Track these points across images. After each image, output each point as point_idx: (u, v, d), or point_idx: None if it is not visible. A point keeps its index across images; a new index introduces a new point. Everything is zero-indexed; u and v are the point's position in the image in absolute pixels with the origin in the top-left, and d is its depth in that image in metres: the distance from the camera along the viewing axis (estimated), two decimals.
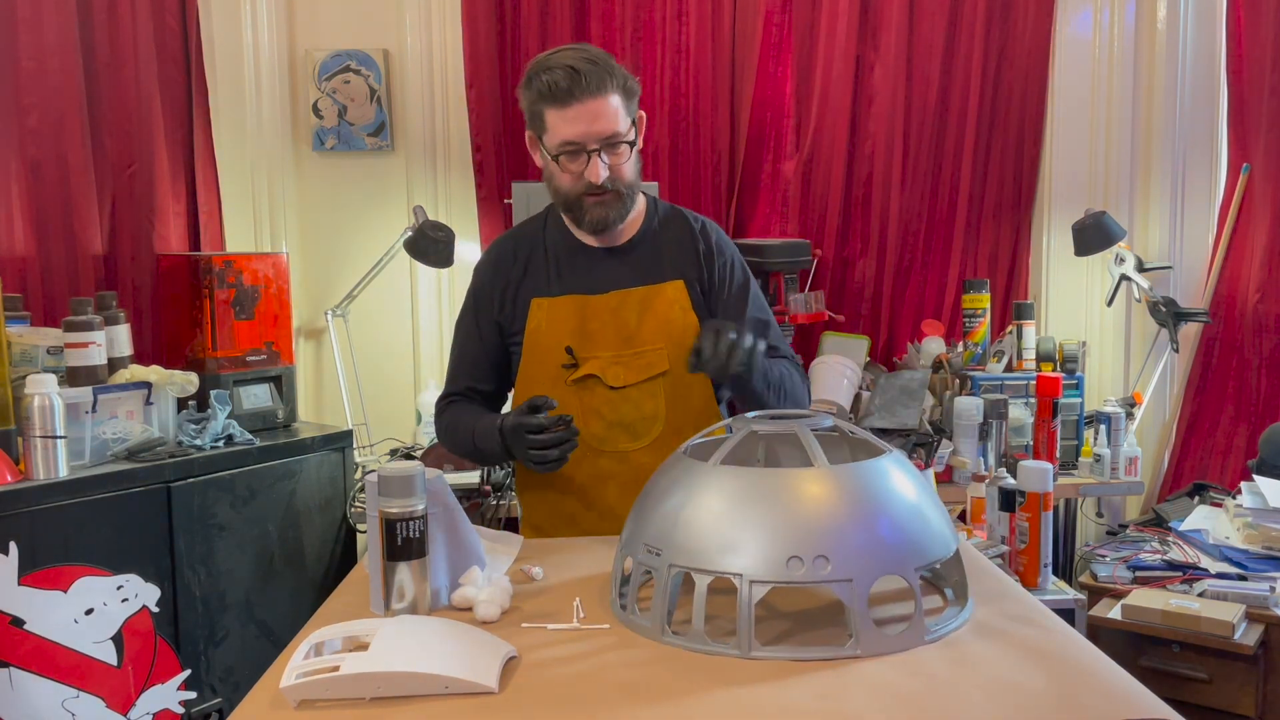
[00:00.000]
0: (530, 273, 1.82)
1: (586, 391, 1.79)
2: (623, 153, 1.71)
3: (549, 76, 1.65)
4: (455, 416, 1.88)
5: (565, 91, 1.65)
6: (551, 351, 1.79)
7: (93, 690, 2.15)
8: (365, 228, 3.41)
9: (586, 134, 1.67)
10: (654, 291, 1.81)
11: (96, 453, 2.29)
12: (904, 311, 3.50)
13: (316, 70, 3.32)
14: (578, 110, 1.66)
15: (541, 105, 1.69)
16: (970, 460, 2.84)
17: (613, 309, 1.79)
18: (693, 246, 1.85)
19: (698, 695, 1.13)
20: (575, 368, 1.78)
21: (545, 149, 1.72)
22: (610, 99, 1.67)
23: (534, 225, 1.88)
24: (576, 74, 1.64)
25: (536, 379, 1.81)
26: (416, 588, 1.35)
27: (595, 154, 1.68)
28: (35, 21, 2.72)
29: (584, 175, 1.70)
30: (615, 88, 1.68)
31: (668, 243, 1.84)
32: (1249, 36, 3.26)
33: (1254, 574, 2.49)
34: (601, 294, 1.79)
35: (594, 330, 1.79)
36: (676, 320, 1.80)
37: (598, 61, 1.67)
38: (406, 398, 3.41)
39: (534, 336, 1.80)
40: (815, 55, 3.38)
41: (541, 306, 1.79)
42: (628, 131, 1.71)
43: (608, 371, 1.78)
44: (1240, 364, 3.31)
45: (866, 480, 1.28)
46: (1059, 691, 1.12)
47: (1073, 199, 3.42)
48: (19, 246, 2.71)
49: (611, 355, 1.79)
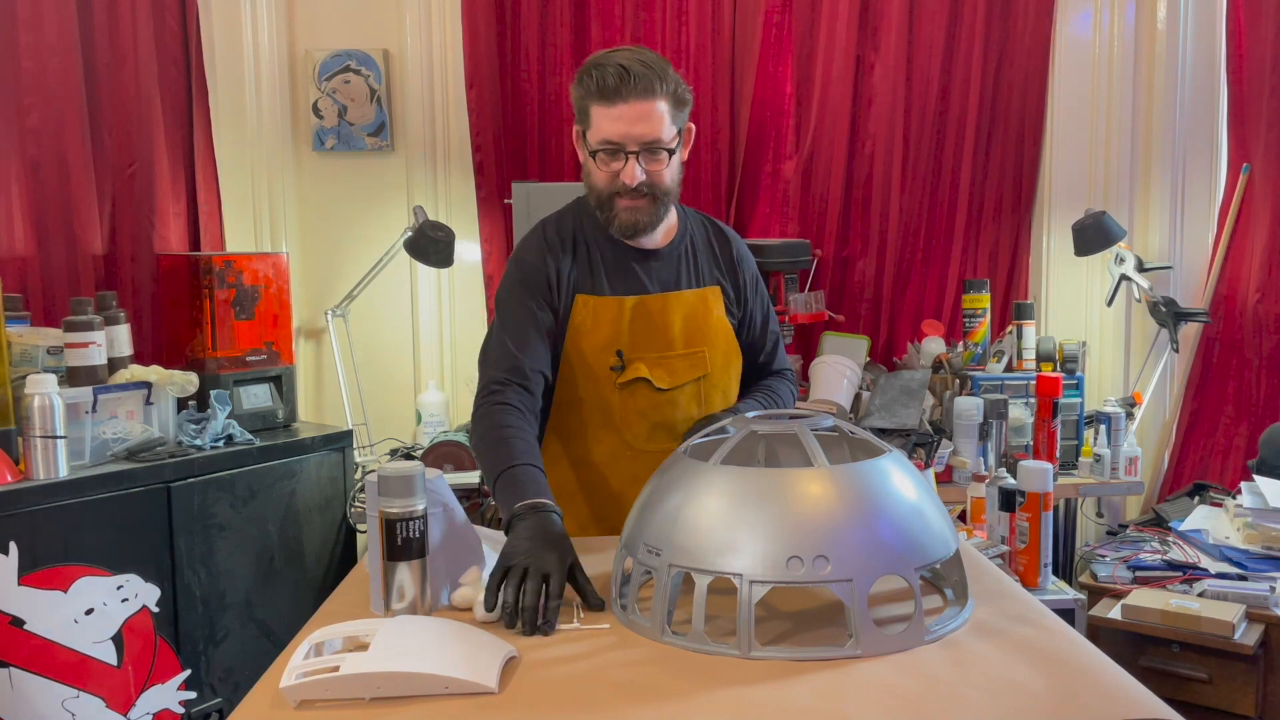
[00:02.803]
0: (576, 265, 1.78)
1: (630, 394, 1.78)
2: (662, 159, 1.68)
3: (599, 73, 1.64)
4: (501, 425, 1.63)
5: (612, 90, 1.63)
6: (595, 351, 1.77)
7: (93, 690, 2.15)
8: (365, 228, 3.41)
9: (627, 135, 1.65)
10: (697, 295, 1.82)
11: (96, 453, 2.29)
12: (904, 311, 3.50)
13: (316, 70, 3.32)
14: (622, 110, 1.64)
15: (589, 101, 1.67)
16: (970, 460, 2.84)
17: (656, 311, 1.78)
18: (726, 253, 1.87)
19: (697, 695, 1.13)
20: (623, 370, 1.77)
21: (587, 145, 1.70)
22: (657, 104, 1.65)
23: (572, 218, 1.83)
24: (627, 73, 1.63)
25: (579, 379, 1.78)
26: (416, 588, 1.35)
27: (634, 156, 1.66)
28: (35, 21, 2.72)
29: (619, 176, 1.68)
30: (664, 93, 1.66)
31: (702, 248, 1.86)
32: (1249, 36, 3.26)
33: (1254, 574, 2.49)
34: (647, 295, 1.79)
35: (639, 332, 1.77)
36: (715, 324, 1.83)
37: (651, 65, 1.65)
38: (406, 398, 3.41)
39: (576, 334, 1.76)
40: (815, 55, 3.38)
41: (587, 304, 1.76)
42: (670, 140, 1.68)
43: (654, 374, 1.78)
44: (1240, 364, 3.31)
45: (866, 480, 1.28)
46: (1059, 691, 1.12)
47: (1073, 199, 3.42)
48: (19, 246, 2.71)
49: (656, 357, 1.78)
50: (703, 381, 1.82)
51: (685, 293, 1.81)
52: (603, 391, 1.77)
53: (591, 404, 1.78)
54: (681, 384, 1.80)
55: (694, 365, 1.81)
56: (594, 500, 1.83)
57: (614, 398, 1.77)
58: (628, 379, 1.77)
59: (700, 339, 1.81)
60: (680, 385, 1.80)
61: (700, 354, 1.81)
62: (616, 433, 1.78)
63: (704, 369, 1.81)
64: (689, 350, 1.80)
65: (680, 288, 1.81)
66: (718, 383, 1.84)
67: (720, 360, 1.83)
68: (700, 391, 1.82)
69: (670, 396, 1.79)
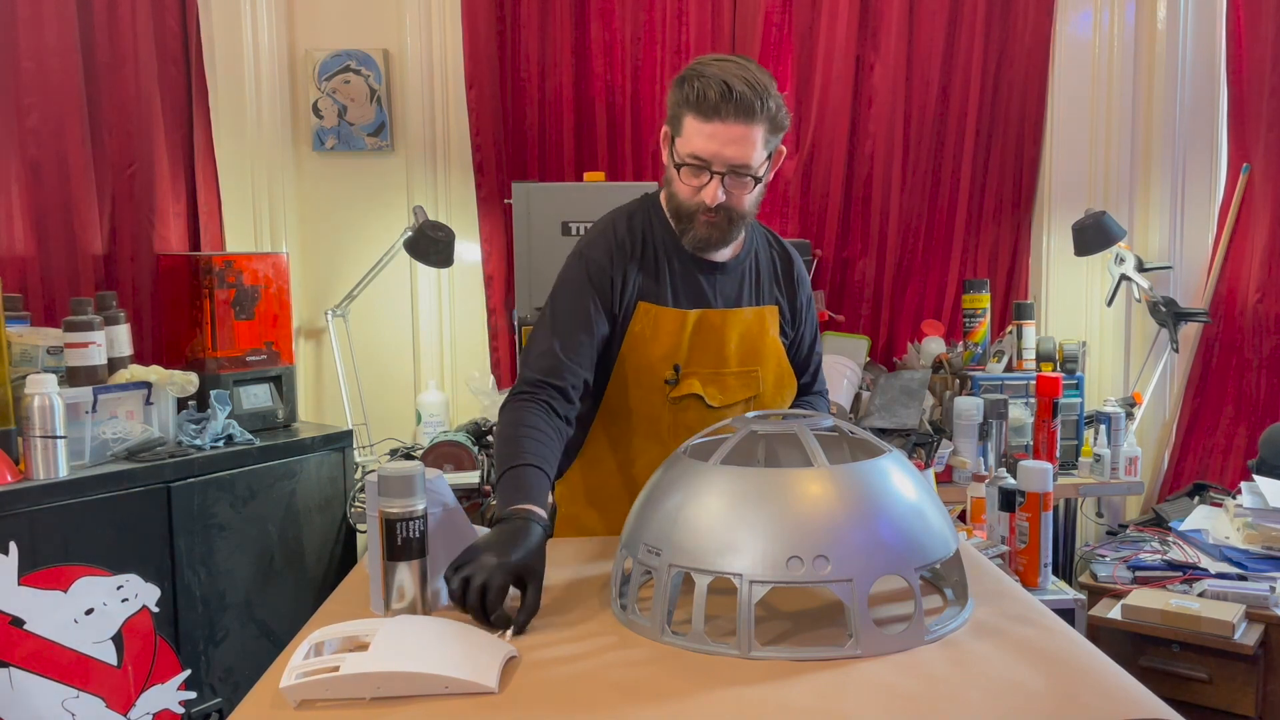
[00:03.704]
0: (643, 271, 1.72)
1: (682, 409, 1.75)
2: (747, 185, 1.62)
3: (701, 84, 1.56)
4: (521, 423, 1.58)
5: (712, 106, 1.56)
6: (651, 362, 1.73)
7: (93, 690, 2.15)
8: (365, 228, 3.42)
9: (717, 155, 1.58)
10: (756, 314, 1.79)
11: (96, 453, 2.29)
12: (904, 311, 3.50)
13: (316, 70, 3.32)
14: (717, 128, 1.57)
15: (684, 109, 1.60)
16: (970, 460, 2.84)
17: (715, 327, 1.75)
18: (787, 272, 1.84)
19: (697, 695, 1.13)
20: (677, 384, 1.73)
21: (675, 152, 1.64)
22: (755, 129, 1.58)
23: (642, 219, 1.76)
24: (730, 92, 1.55)
25: (631, 388, 1.74)
26: (416, 588, 1.35)
27: (719, 177, 1.60)
28: (35, 21, 2.72)
29: (700, 193, 1.62)
30: (763, 118, 1.58)
31: (766, 266, 1.82)
32: (1249, 36, 3.26)
33: (1254, 574, 2.49)
34: (710, 309, 1.74)
35: (697, 346, 1.74)
36: (770, 344, 1.80)
37: (754, 86, 1.57)
38: (406, 398, 3.41)
39: (634, 341, 1.72)
40: (815, 55, 3.38)
41: (649, 313, 1.71)
42: (759, 166, 1.62)
43: (707, 391, 1.75)
44: (1240, 364, 3.31)
45: (866, 480, 1.28)
46: (1059, 691, 1.12)
47: (1073, 199, 3.42)
48: (19, 246, 2.71)
49: (709, 374, 1.75)
50: (753, 402, 1.79)
51: (745, 310, 1.77)
52: (654, 403, 1.74)
53: (641, 414, 1.75)
54: (733, 403, 1.77)
55: (747, 384, 1.78)
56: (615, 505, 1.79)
57: (665, 411, 1.74)
58: (681, 394, 1.74)
59: (755, 358, 1.78)
60: (731, 404, 1.77)
61: (754, 373, 1.78)
62: (663, 445, 1.72)
63: (756, 389, 1.79)
64: (743, 369, 1.77)
65: (741, 304, 1.78)
66: (768, 404, 1.80)
67: (772, 381, 1.80)
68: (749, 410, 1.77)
69: (721, 415, 1.75)
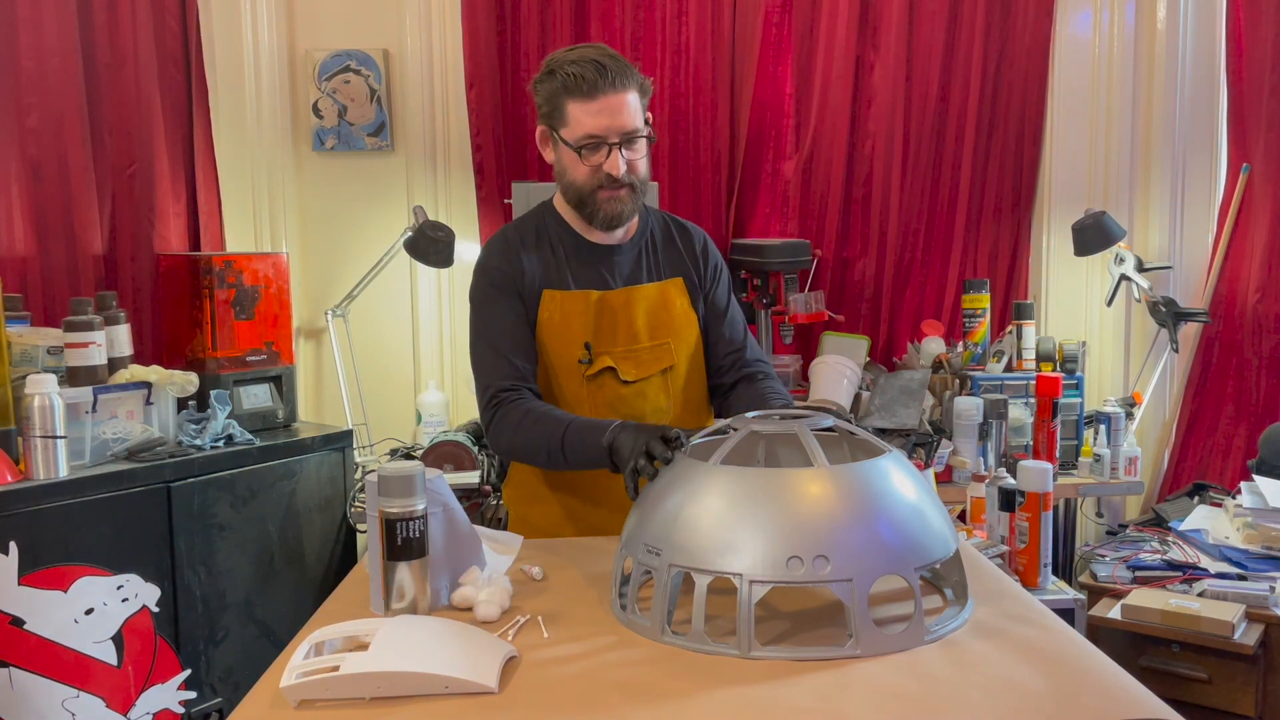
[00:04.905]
0: (540, 263, 1.82)
1: (598, 386, 1.82)
2: (640, 148, 1.74)
3: (575, 69, 1.68)
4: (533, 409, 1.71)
5: (591, 84, 1.68)
6: (563, 344, 1.81)
7: (93, 690, 2.15)
8: (365, 228, 3.41)
9: (609, 127, 1.69)
10: (660, 288, 1.87)
11: (96, 453, 2.29)
12: (904, 311, 3.50)
13: (316, 70, 3.32)
14: (601, 104, 1.68)
15: (564, 97, 1.70)
16: (970, 460, 2.84)
17: (622, 304, 1.83)
18: (688, 247, 1.92)
19: (698, 695, 1.13)
20: (590, 363, 1.81)
21: (564, 142, 1.73)
22: (630, 95, 1.71)
23: (532, 220, 1.87)
24: (602, 68, 1.67)
25: (552, 375, 1.83)
26: (416, 588, 1.35)
27: (616, 148, 1.70)
28: (35, 21, 2.72)
29: (603, 169, 1.72)
30: (635, 85, 1.72)
31: (664, 242, 1.91)
32: (1249, 36, 3.26)
33: (1254, 574, 2.49)
34: (611, 289, 1.83)
35: (605, 325, 1.82)
36: (680, 316, 1.87)
37: (617, 58, 1.71)
38: (406, 398, 3.40)
39: (546, 328, 1.81)
40: (815, 55, 3.38)
41: (554, 299, 1.80)
42: (645, 129, 1.74)
43: (620, 366, 1.82)
44: (1240, 364, 3.31)
45: (866, 480, 1.28)
46: (1059, 691, 1.12)
47: (1073, 199, 3.42)
48: (19, 246, 2.71)
49: (622, 350, 1.83)
50: (669, 373, 1.86)
51: (646, 286, 1.85)
52: (572, 383, 1.82)
53: (562, 398, 1.82)
54: (647, 375, 1.84)
55: (659, 357, 1.85)
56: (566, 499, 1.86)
57: (583, 390, 1.82)
58: (595, 371, 1.81)
59: (665, 331, 1.85)
60: (646, 377, 1.84)
61: (665, 346, 1.86)
62: None
63: (669, 360, 1.86)
64: (654, 342, 1.85)
65: (641, 281, 1.85)
66: (684, 373, 1.88)
67: (685, 351, 1.88)
68: (667, 383, 1.86)
69: (638, 388, 1.83)
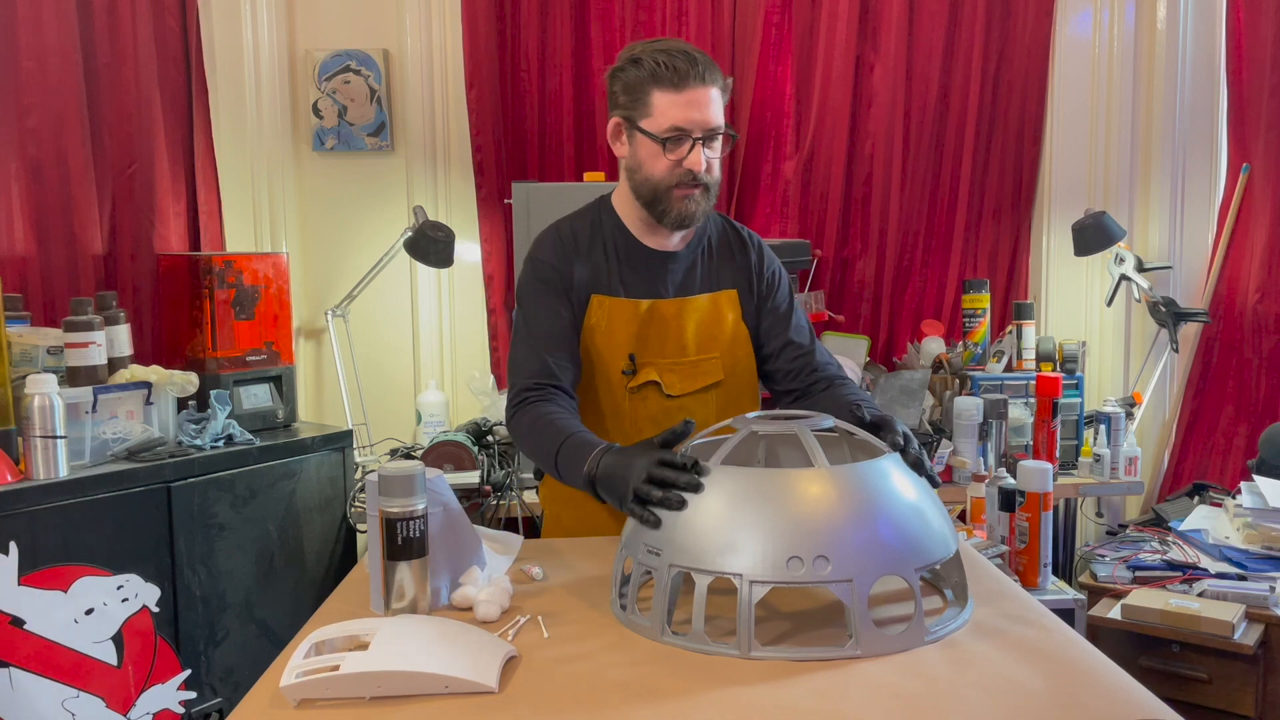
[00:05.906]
0: (592, 265, 1.74)
1: (641, 399, 1.76)
2: (718, 147, 1.68)
3: (665, 58, 1.61)
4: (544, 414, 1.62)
5: (681, 75, 1.61)
6: (608, 353, 1.74)
7: (93, 690, 2.15)
8: (365, 228, 3.41)
9: (695, 121, 1.63)
10: (713, 300, 1.79)
11: (96, 453, 2.29)
12: (904, 311, 3.50)
13: (316, 70, 3.32)
14: (689, 96, 1.62)
15: (650, 86, 1.63)
16: (970, 460, 2.84)
17: (672, 315, 1.76)
18: (745, 255, 1.84)
19: (697, 695, 1.13)
20: (634, 374, 1.75)
21: (646, 133, 1.65)
22: (715, 90, 1.65)
23: (587, 219, 1.79)
24: (693, 59, 1.62)
25: (594, 382, 1.76)
26: (416, 588, 1.35)
27: (699, 143, 1.64)
28: (35, 21, 2.72)
29: (683, 164, 1.65)
30: (719, 81, 1.66)
31: (720, 251, 1.83)
32: (1249, 36, 3.26)
33: (1254, 574, 2.49)
34: (662, 299, 1.75)
35: (651, 336, 1.75)
36: (730, 329, 1.80)
37: (703, 53, 1.65)
38: (406, 398, 3.41)
39: (591, 335, 1.74)
40: (815, 55, 3.38)
41: (603, 305, 1.73)
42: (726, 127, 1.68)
43: (665, 379, 1.75)
44: (1240, 364, 3.31)
45: (866, 480, 1.28)
46: (1059, 692, 1.12)
47: (1073, 199, 3.42)
48: (19, 246, 2.71)
49: (668, 363, 1.76)
50: (717, 390, 1.79)
51: (699, 297, 1.78)
52: (614, 394, 1.76)
53: (604, 406, 1.77)
54: (693, 390, 1.77)
55: (707, 371, 1.78)
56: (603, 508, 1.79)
57: (625, 402, 1.76)
58: (638, 383, 1.75)
59: (713, 344, 1.78)
60: (691, 392, 1.77)
61: (714, 360, 1.79)
62: (626, 437, 1.74)
63: (717, 375, 1.79)
64: (701, 356, 1.78)
65: (694, 292, 1.78)
66: (734, 390, 1.80)
67: (733, 366, 1.80)
68: (715, 399, 1.79)
69: (681, 403, 1.76)
